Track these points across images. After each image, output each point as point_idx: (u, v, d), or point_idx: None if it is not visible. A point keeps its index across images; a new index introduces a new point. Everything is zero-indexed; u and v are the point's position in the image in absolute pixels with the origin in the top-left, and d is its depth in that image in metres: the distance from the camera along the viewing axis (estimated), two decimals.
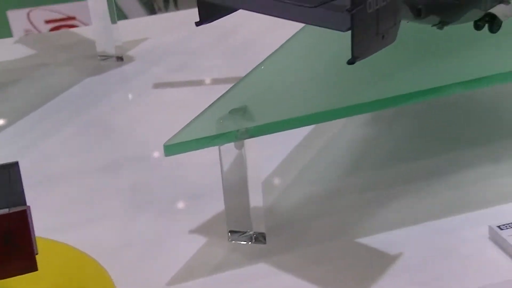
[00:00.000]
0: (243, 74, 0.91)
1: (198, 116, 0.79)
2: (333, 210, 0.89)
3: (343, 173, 0.95)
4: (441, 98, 0.97)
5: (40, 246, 0.67)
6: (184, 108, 1.01)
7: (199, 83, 1.20)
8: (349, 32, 0.70)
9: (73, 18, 2.31)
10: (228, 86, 0.88)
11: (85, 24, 2.47)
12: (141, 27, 1.36)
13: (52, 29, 2.15)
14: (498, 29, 0.87)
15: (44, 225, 0.85)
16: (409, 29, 0.85)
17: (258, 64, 0.88)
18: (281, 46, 0.90)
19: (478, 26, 0.88)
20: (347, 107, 0.81)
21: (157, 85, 1.19)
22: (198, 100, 0.89)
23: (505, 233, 0.82)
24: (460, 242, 0.83)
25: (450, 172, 0.93)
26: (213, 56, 1.26)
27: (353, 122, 1.02)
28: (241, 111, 0.80)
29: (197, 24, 0.79)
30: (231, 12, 0.79)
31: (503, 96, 1.03)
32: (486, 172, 0.92)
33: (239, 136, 0.78)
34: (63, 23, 2.24)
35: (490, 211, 0.86)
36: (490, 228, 0.83)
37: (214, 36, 1.30)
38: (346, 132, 1.02)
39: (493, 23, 0.87)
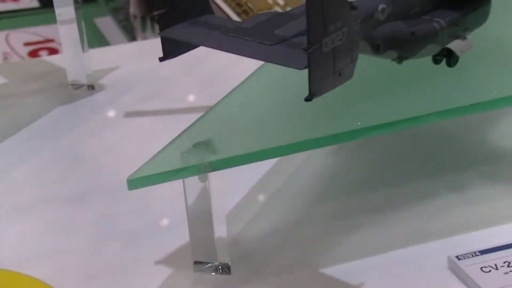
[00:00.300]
0: (213, 102, 0.92)
1: (162, 149, 0.80)
2: (298, 240, 0.91)
3: (308, 202, 0.97)
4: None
5: (5, 280, 0.68)
6: (154, 137, 1.03)
7: (170, 112, 1.21)
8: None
9: (51, 40, 2.32)
10: (199, 114, 0.90)
11: None
12: (113, 55, 1.37)
13: (31, 52, 2.15)
14: (455, 63, 0.90)
15: (10, 257, 0.85)
16: (371, 62, 0.88)
17: (223, 97, 0.90)
18: (246, 79, 0.92)
19: (436, 60, 0.90)
20: (308, 141, 0.82)
21: (128, 114, 1.20)
22: (169, 129, 0.90)
23: (463, 263, 0.84)
24: (420, 272, 0.85)
25: (412, 201, 0.95)
26: (184, 85, 1.27)
27: (319, 151, 1.04)
28: (205, 145, 0.81)
29: (161, 59, 0.81)
30: (194, 48, 0.81)
31: (464, 127, 1.05)
32: (447, 202, 0.94)
33: (202, 170, 0.80)
34: (42, 46, 2.25)
35: (450, 241, 0.88)
36: (449, 258, 0.85)
37: (185, 65, 1.32)
38: (312, 161, 1.03)
39: (450, 57, 0.89)
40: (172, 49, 0.80)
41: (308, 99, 0.72)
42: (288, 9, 0.98)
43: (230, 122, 0.85)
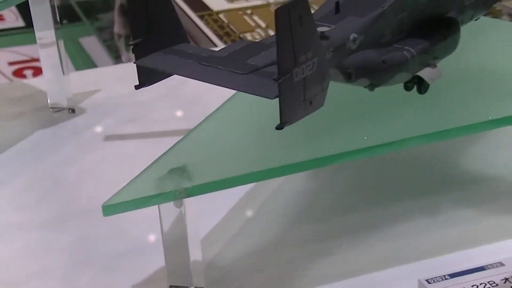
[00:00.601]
0: (193, 126, 0.94)
1: (138, 176, 0.82)
2: (273, 263, 0.92)
3: (283, 226, 0.98)
4: None
5: None
6: (134, 161, 1.04)
7: (150, 135, 1.22)
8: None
9: (36, 60, 2.33)
10: (179, 138, 0.91)
11: None
12: (95, 78, 1.39)
13: (16, 71, 2.16)
14: (426, 90, 0.92)
15: None
16: (344, 89, 0.90)
17: (199, 123, 0.91)
18: (222, 104, 0.94)
19: (407, 87, 0.92)
20: (283, 167, 0.84)
21: (108, 138, 1.21)
22: (148, 153, 0.91)
23: (433, 287, 0.85)
24: None
25: (385, 224, 0.97)
26: (165, 108, 1.29)
27: (294, 175, 1.06)
28: (180, 171, 0.83)
29: (137, 87, 0.83)
30: (169, 76, 0.82)
31: (436, 151, 1.07)
32: (418, 225, 0.96)
33: (177, 196, 0.81)
34: (27, 65, 2.26)
35: (421, 264, 0.90)
36: (419, 282, 0.86)
37: (165, 88, 1.33)
38: (288, 185, 1.05)
39: (421, 85, 0.91)
40: (147, 77, 0.82)
41: (279, 127, 0.74)
42: (270, 31, 1.01)
43: (206, 148, 0.87)
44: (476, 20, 1.03)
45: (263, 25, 1.97)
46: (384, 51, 0.88)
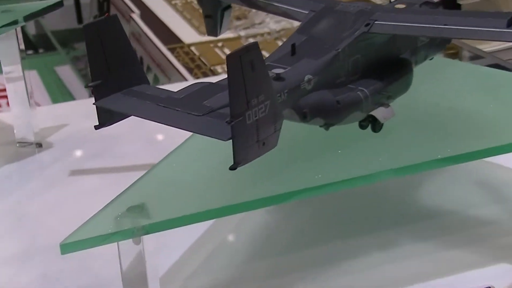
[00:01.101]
0: (158, 160, 0.96)
1: (96, 214, 0.83)
2: None
3: (243, 262, 1.00)
4: None
5: None
6: (98, 196, 1.04)
7: (115, 170, 1.24)
8: None
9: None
10: (144, 172, 0.93)
11: None
12: (63, 112, 1.41)
13: None
14: (380, 129, 0.95)
15: None
16: (300, 127, 0.92)
17: (159, 161, 0.94)
18: (183, 142, 0.96)
19: (362, 126, 0.95)
20: (241, 204, 0.86)
21: (74, 173, 1.23)
22: (113, 188, 0.92)
23: None
24: None
25: (342, 259, 0.99)
26: (131, 143, 1.31)
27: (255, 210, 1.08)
28: (139, 209, 0.84)
29: (96, 127, 0.85)
30: (127, 117, 0.85)
31: (393, 187, 1.10)
32: (375, 260, 0.99)
33: (135, 233, 0.83)
34: (1, 94, 2.27)
35: None
36: None
37: (132, 122, 1.34)
38: (248, 220, 1.07)
39: (375, 124, 0.94)
40: (107, 118, 0.84)
41: (232, 168, 0.76)
42: None
43: (165, 186, 0.89)
44: (430, 59, 1.08)
45: None
46: (339, 91, 0.91)
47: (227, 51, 2.07)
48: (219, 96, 0.82)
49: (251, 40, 2.07)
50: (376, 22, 0.94)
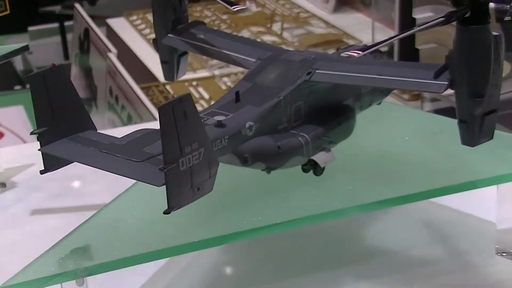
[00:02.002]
0: None
1: (40, 256, 0.87)
2: None
3: None
4: None
5: None
6: (59, 235, 1.07)
7: (77, 209, 1.27)
8: None
9: None
10: None
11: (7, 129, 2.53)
12: (29, 152, 1.44)
13: None
14: (322, 172, 0.99)
15: None
16: (242, 171, 0.96)
17: (107, 204, 0.97)
18: (132, 185, 0.99)
19: (304, 170, 0.99)
20: (183, 245, 0.89)
21: (35, 212, 1.26)
22: (74, 227, 0.96)
23: None
24: None
25: None
26: (93, 182, 1.34)
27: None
28: (82, 251, 0.88)
29: (42, 172, 0.88)
30: (72, 163, 0.88)
31: (337, 228, 1.13)
32: None
33: (78, 275, 0.86)
34: None
35: None
36: None
37: None
38: (199, 259, 1.10)
39: (316, 168, 0.98)
40: (53, 163, 0.88)
41: (166, 212, 0.80)
42: (213, 102, 1.08)
43: (110, 228, 0.92)
44: (378, 104, 1.12)
45: (207, 96, 2.04)
46: (280, 137, 0.95)
47: (201, 90, 2.11)
48: (160, 143, 0.86)
49: (226, 79, 2.12)
50: (317, 71, 0.98)
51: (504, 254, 1.04)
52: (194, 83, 2.13)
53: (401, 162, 1.03)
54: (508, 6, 0.81)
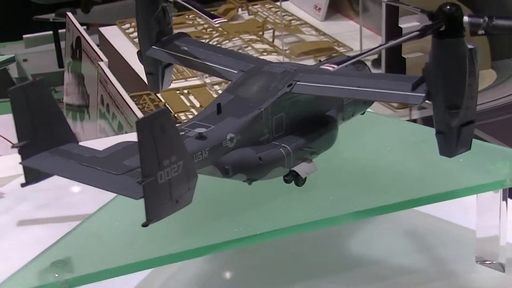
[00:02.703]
0: None
1: (21, 268, 0.87)
2: None
3: None
4: None
5: None
6: (46, 245, 1.08)
7: (64, 219, 1.28)
8: None
9: None
10: None
11: None
12: (15, 163, 1.44)
13: None
14: (303, 183, 0.99)
15: None
16: (223, 182, 0.96)
17: (89, 215, 0.98)
18: (114, 197, 1.00)
19: (286, 180, 1.00)
20: (160, 257, 0.90)
21: (22, 222, 1.27)
22: (60, 237, 0.97)
23: None
24: None
25: None
26: (80, 193, 1.34)
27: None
28: (62, 263, 0.88)
29: (23, 185, 0.89)
30: (52, 176, 0.89)
31: (324, 236, 1.13)
32: None
33: (59, 287, 0.86)
34: None
35: None
36: None
37: None
38: (185, 269, 1.10)
39: (297, 178, 0.99)
40: (34, 176, 0.89)
41: (144, 225, 0.81)
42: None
43: (91, 240, 0.93)
44: (362, 114, 1.12)
45: (197, 104, 2.05)
46: (262, 148, 0.96)
47: (193, 98, 2.12)
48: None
49: (217, 87, 2.13)
50: (298, 82, 0.99)
51: (483, 262, 1.06)
52: (185, 91, 2.14)
53: (383, 172, 1.04)
54: (481, 20, 0.82)
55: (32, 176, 0.88)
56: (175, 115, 2.02)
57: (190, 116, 2.04)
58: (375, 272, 1.07)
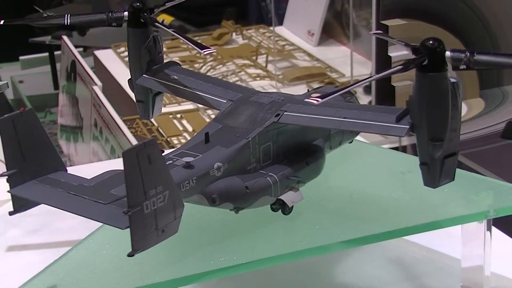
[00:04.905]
0: None
1: None
2: None
3: None
4: None
5: None
6: (35, 270, 1.08)
7: (53, 245, 1.28)
8: None
9: None
10: None
11: None
12: (4, 188, 1.44)
13: None
14: (290, 211, 1.00)
15: None
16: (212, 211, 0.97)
17: (80, 241, 0.98)
18: (102, 225, 1.01)
19: (273, 209, 1.00)
20: (145, 287, 0.90)
21: (11, 248, 1.27)
22: (49, 262, 0.97)
23: None
24: None
25: None
26: (69, 218, 1.32)
27: None
28: None
29: (11, 213, 0.90)
30: (40, 204, 0.90)
31: (307, 262, 1.13)
32: None
33: None
34: None
35: None
36: None
37: None
38: None
39: (284, 207, 0.99)
40: (22, 204, 0.90)
41: (130, 255, 0.81)
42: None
43: (78, 268, 0.94)
44: (350, 142, 1.14)
45: (190, 129, 2.06)
46: (249, 177, 0.97)
47: (185, 123, 2.13)
48: None
49: (209, 112, 2.14)
50: (285, 113, 1.00)
51: None
52: (179, 115, 2.15)
53: (370, 201, 1.05)
54: (463, 55, 0.84)
55: (20, 204, 0.89)
56: (168, 139, 2.04)
57: (183, 140, 2.05)
58: None
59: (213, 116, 2.17)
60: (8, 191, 0.88)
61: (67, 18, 1.14)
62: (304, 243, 0.97)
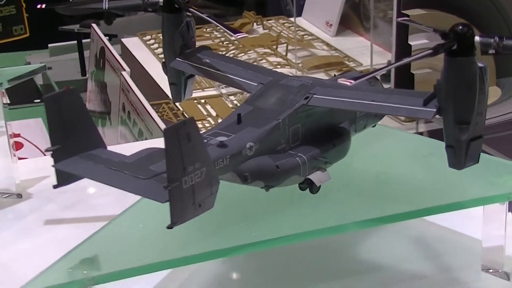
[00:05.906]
0: None
1: (51, 266, 0.93)
2: None
3: None
4: None
5: None
6: (69, 245, 1.13)
7: (87, 220, 1.33)
8: None
9: (17, 135, 2.44)
10: None
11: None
12: (44, 165, 1.49)
13: None
14: (317, 191, 1.04)
15: None
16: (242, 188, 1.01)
17: (117, 215, 1.03)
18: (141, 199, 1.05)
19: (301, 188, 1.05)
20: (181, 258, 0.94)
21: (48, 222, 1.32)
22: (84, 237, 1.01)
23: None
24: None
25: None
26: (104, 195, 1.39)
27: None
28: (90, 261, 0.94)
29: (55, 187, 0.95)
30: (83, 178, 0.94)
31: (329, 242, 1.17)
32: None
33: (86, 283, 0.91)
34: None
35: None
36: None
37: None
38: (204, 270, 1.15)
39: (312, 186, 1.04)
40: (65, 178, 0.94)
41: (169, 227, 0.86)
42: (219, 120, 1.14)
43: (118, 239, 0.99)
44: (373, 126, 1.17)
45: (214, 114, 2.11)
46: (279, 157, 1.01)
47: (209, 108, 2.17)
48: (165, 162, 0.92)
49: (232, 98, 2.19)
50: (314, 95, 1.04)
51: (489, 270, 1.10)
52: (203, 101, 2.20)
53: (393, 182, 1.09)
54: (492, 40, 0.87)
55: (63, 178, 0.94)
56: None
57: (207, 125, 2.10)
58: (382, 279, 1.11)
59: (236, 102, 2.22)
60: (52, 166, 0.93)
61: (105, 2, 1.18)
62: (330, 221, 1.02)
